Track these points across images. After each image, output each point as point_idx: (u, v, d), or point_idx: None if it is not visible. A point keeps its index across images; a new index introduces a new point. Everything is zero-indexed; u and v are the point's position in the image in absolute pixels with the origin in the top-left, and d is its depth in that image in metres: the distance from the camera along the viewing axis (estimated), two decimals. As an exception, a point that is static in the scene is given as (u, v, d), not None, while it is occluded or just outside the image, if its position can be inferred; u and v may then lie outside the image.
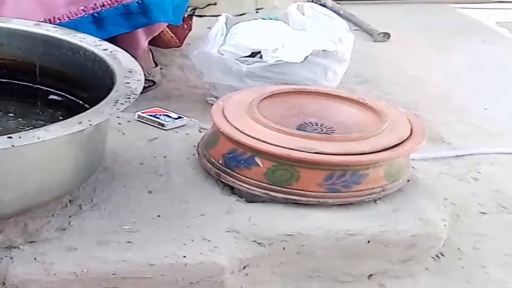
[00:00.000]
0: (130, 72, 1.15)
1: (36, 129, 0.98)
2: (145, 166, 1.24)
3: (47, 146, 0.98)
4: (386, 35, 2.14)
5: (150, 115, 1.39)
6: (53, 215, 1.08)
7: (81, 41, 1.25)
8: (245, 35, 1.66)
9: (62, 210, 1.10)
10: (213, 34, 1.66)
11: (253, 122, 1.20)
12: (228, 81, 1.62)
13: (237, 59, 1.61)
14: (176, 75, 1.85)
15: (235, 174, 1.17)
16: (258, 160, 1.16)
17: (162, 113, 1.40)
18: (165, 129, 1.36)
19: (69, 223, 1.08)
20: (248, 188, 1.16)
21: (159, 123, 1.37)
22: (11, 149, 0.93)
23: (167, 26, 1.74)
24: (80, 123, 0.99)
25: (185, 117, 1.40)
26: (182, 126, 1.38)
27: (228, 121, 1.20)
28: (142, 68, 1.18)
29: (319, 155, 1.14)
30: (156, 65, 1.80)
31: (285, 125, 1.19)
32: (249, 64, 1.61)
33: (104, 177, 1.19)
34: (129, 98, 1.07)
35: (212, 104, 1.28)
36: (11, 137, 0.94)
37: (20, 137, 0.94)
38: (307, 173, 1.14)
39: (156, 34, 1.73)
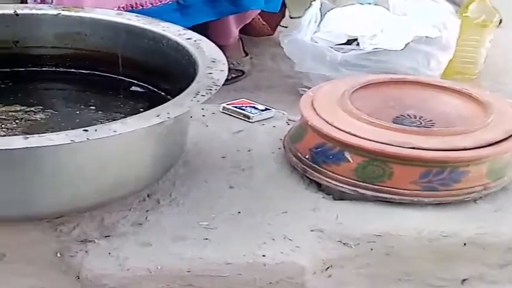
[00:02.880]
0: (213, 62, 1.16)
1: (113, 121, 1.00)
2: (227, 160, 1.25)
3: (124, 138, 1.00)
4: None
5: (236, 107, 1.40)
6: (130, 210, 1.11)
7: (164, 30, 1.26)
8: (341, 21, 1.64)
9: (139, 204, 1.12)
10: (307, 21, 1.65)
11: (344, 114, 1.18)
12: (321, 71, 1.60)
13: (331, 47, 1.60)
14: (267, 65, 1.85)
15: (323, 170, 1.16)
16: (347, 155, 1.14)
17: (248, 105, 1.40)
18: (251, 122, 1.37)
19: (146, 218, 1.10)
20: (336, 185, 1.15)
21: (244, 115, 1.38)
22: (86, 142, 0.95)
23: (259, 13, 1.74)
24: (158, 115, 1.00)
25: (273, 109, 1.40)
26: (269, 118, 1.38)
27: (317, 113, 1.19)
28: (228, 57, 1.19)
29: (414, 150, 1.11)
30: (247, 55, 1.81)
31: (379, 118, 1.16)
32: (344, 52, 1.59)
33: (184, 171, 1.20)
34: (210, 89, 1.07)
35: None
36: (86, 130, 0.96)
37: (95, 130, 0.97)
38: (401, 169, 1.12)
39: (248, 22, 1.74)
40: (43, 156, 0.98)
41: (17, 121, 1.19)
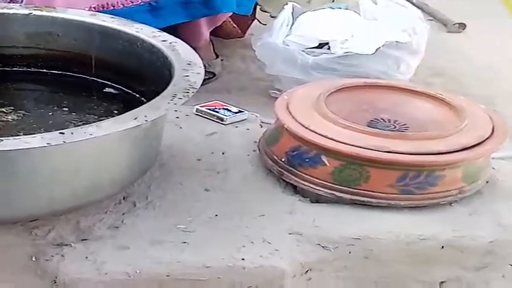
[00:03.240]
0: (189, 64, 1.15)
1: (88, 125, 0.99)
2: (202, 162, 1.24)
3: (100, 141, 0.99)
4: (462, 26, 2.12)
5: (209, 109, 1.39)
6: (105, 212, 1.10)
7: (138, 32, 1.26)
8: (312, 25, 1.65)
9: (115, 207, 1.11)
10: (279, 24, 1.65)
11: (320, 117, 1.19)
12: (292, 74, 1.60)
13: (302, 50, 1.60)
14: (237, 66, 1.85)
15: (299, 173, 1.17)
16: (324, 159, 1.15)
17: (221, 107, 1.40)
18: (225, 124, 1.37)
19: (122, 221, 1.09)
20: (313, 188, 1.15)
21: (218, 118, 1.38)
22: (62, 145, 0.94)
23: (230, 16, 1.74)
24: (135, 118, 1.00)
25: (246, 111, 1.40)
26: (242, 120, 1.38)
27: (292, 116, 1.20)
28: (202, 59, 1.18)
29: (392, 154, 1.12)
30: (217, 56, 1.81)
31: (354, 121, 1.17)
32: (315, 55, 1.59)
33: (159, 174, 1.19)
34: (187, 92, 1.07)
35: (275, 98, 1.28)
36: (63, 133, 0.95)
37: (72, 133, 0.96)
38: (378, 173, 1.13)
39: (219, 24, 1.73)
40: (18, 158, 0.96)
41: (-13, 122, 1.17)
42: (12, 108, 1.21)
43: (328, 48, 1.62)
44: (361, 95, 1.29)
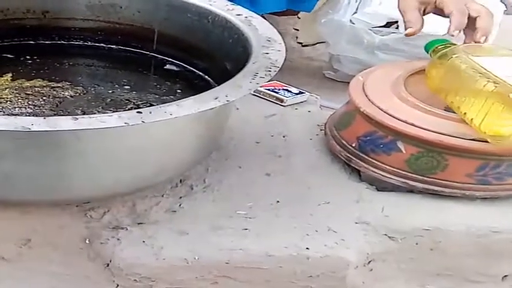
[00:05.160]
0: (268, 41, 1.12)
1: (167, 104, 0.95)
2: (262, 145, 1.22)
3: (175, 122, 0.95)
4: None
5: (268, 89, 1.37)
6: (162, 195, 1.08)
7: (211, 5, 1.23)
8: (382, 1, 1.61)
9: (172, 190, 1.09)
10: (346, 0, 1.61)
11: (398, 101, 1.16)
12: (355, 54, 1.57)
13: (370, 29, 1.56)
14: (290, 45, 1.80)
15: (370, 159, 1.14)
16: (400, 145, 1.12)
17: (281, 87, 1.38)
18: (284, 105, 1.34)
19: (179, 205, 1.07)
20: (384, 176, 1.12)
21: (277, 98, 1.35)
22: (138, 126, 0.90)
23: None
24: (217, 98, 0.96)
25: (306, 93, 1.38)
26: (302, 102, 1.36)
27: (369, 99, 1.17)
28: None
29: (475, 142, 1.08)
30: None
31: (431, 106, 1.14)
32: (383, 35, 1.55)
33: (217, 156, 1.17)
34: (269, 70, 1.03)
35: (329, 79, 1.23)
36: (140, 112, 0.91)
37: (150, 112, 0.91)
38: (457, 161, 1.09)
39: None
40: (87, 138, 0.92)
41: (44, 98, 1.16)
42: (69, 83, 1.20)
43: (396, 28, 1.58)
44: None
